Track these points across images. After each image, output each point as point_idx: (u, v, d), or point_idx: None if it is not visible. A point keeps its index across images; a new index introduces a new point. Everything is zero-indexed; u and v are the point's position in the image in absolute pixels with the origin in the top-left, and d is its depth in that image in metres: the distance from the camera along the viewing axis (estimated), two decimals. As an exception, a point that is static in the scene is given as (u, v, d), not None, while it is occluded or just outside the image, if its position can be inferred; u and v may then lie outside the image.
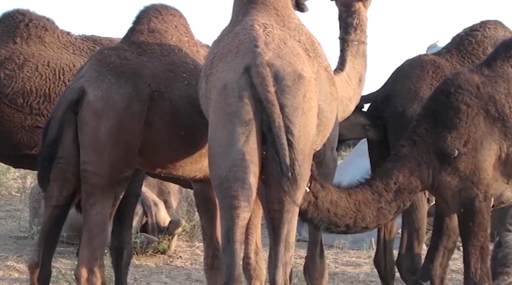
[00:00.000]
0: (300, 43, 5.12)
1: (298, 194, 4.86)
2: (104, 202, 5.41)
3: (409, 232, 6.45)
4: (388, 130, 6.50)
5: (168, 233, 9.25)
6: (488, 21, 6.94)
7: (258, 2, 5.33)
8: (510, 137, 5.41)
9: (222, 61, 5.00)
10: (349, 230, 5.43)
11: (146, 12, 6.05)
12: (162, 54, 5.76)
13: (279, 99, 4.73)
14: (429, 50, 9.76)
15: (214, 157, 4.89)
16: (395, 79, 6.66)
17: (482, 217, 5.38)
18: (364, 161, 6.75)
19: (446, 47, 6.94)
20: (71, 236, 8.87)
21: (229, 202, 4.78)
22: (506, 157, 5.43)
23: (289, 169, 4.62)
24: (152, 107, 5.50)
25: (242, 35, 5.01)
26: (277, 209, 4.84)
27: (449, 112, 5.46)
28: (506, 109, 5.44)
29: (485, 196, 5.39)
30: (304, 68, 4.90)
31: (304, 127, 4.79)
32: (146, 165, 5.84)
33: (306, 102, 4.81)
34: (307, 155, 4.84)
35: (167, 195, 10.27)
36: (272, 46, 4.90)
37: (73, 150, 5.40)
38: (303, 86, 4.81)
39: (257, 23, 5.07)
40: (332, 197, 5.29)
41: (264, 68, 4.74)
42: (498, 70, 5.58)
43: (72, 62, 6.76)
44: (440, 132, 5.44)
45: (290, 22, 5.32)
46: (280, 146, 4.62)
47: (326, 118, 5.21)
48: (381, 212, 5.39)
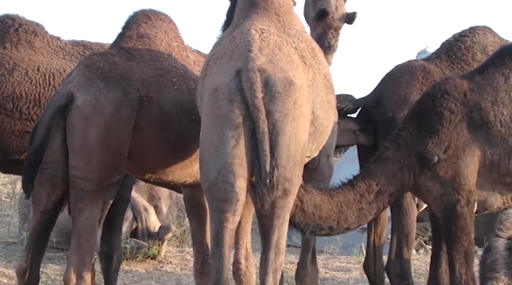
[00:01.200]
0: (297, 50, 5.13)
1: (289, 200, 4.86)
2: (93, 207, 5.39)
3: (399, 237, 6.46)
4: (378, 135, 6.51)
5: (158, 238, 9.23)
6: (477, 27, 6.97)
7: (260, 7, 5.35)
8: (494, 144, 5.44)
9: (216, 63, 5.02)
10: (332, 232, 5.47)
11: (135, 17, 6.05)
12: (152, 59, 5.76)
13: (269, 105, 4.74)
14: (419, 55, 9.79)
15: (204, 160, 4.90)
16: (385, 84, 6.68)
17: (464, 221, 5.40)
18: (354, 165, 6.75)
19: (435, 52, 6.96)
20: (61, 241, 8.85)
21: (218, 205, 4.78)
22: (491, 164, 5.46)
23: (268, 175, 4.63)
24: (141, 112, 5.49)
25: (238, 39, 5.03)
26: (267, 215, 4.84)
27: (433, 117, 5.49)
28: (491, 117, 5.46)
29: (467, 201, 5.41)
30: (297, 75, 4.90)
31: (294, 134, 4.79)
32: (136, 170, 5.83)
33: (296, 109, 4.81)
34: (298, 161, 4.84)
35: (157, 200, 10.25)
36: (266, 52, 4.91)
37: (62, 155, 5.38)
38: (294, 93, 4.81)
39: (255, 27, 5.09)
40: (315, 200, 5.32)
41: (254, 73, 4.75)
42: (489, 77, 5.60)
43: (62, 67, 6.75)
44: (422, 136, 5.47)
45: (291, 29, 5.34)
46: (262, 152, 4.63)
47: (321, 125, 5.21)
48: (362, 213, 5.43)
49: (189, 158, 5.75)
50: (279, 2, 5.43)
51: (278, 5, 5.40)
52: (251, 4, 5.38)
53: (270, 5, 5.37)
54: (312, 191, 5.35)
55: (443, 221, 5.50)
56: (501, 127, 5.44)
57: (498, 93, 5.52)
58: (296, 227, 5.36)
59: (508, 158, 5.44)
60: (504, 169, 5.46)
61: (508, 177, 5.49)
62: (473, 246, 5.47)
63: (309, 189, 5.33)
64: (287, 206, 4.86)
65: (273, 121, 4.72)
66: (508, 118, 5.45)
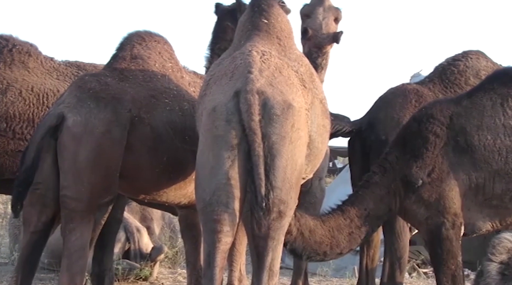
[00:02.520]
0: (297, 73, 5.15)
1: (284, 222, 4.85)
2: (84, 227, 5.38)
3: (391, 260, 6.44)
4: (370, 157, 6.51)
5: (150, 259, 9.20)
6: (470, 51, 7.00)
7: (262, 29, 5.39)
8: (479, 168, 5.45)
9: (216, 83, 5.04)
10: (326, 257, 5.48)
11: (129, 39, 6.07)
12: (144, 80, 5.77)
13: (267, 128, 4.74)
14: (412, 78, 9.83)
15: (199, 179, 4.90)
16: (379, 107, 6.69)
17: (450, 244, 5.41)
18: (347, 188, 6.75)
19: (429, 76, 6.99)
20: (52, 262, 8.80)
21: (212, 226, 4.78)
22: (476, 187, 5.47)
23: (264, 198, 4.64)
24: (133, 132, 5.49)
25: (239, 60, 5.05)
26: (262, 236, 4.83)
27: (418, 141, 5.52)
28: (475, 141, 5.49)
29: (453, 224, 5.43)
30: (296, 98, 4.92)
31: (291, 156, 4.80)
32: (130, 191, 5.82)
33: (294, 132, 4.82)
34: (294, 183, 4.85)
35: (150, 221, 10.22)
36: (266, 74, 4.92)
37: (52, 175, 5.38)
38: (292, 116, 4.83)
39: (256, 49, 5.11)
40: (310, 225, 5.33)
41: (252, 95, 4.76)
42: (476, 101, 5.63)
43: (56, 87, 6.75)
44: (407, 160, 5.50)
45: (292, 53, 5.38)
46: (257, 175, 4.64)
47: (316, 148, 5.23)
48: (352, 237, 5.45)
49: (184, 179, 5.74)
50: (281, 27, 5.47)
51: (279, 29, 5.45)
52: (253, 27, 5.42)
53: (272, 29, 5.42)
54: (305, 216, 5.36)
55: (429, 244, 5.52)
56: (485, 151, 5.46)
57: (484, 118, 5.55)
58: (294, 251, 5.37)
59: (493, 181, 5.46)
60: (490, 192, 5.48)
61: (494, 200, 5.50)
62: (460, 269, 5.48)
63: (302, 214, 5.34)
64: (282, 228, 4.85)
65: (270, 143, 4.73)
66: (492, 142, 5.47)
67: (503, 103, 5.58)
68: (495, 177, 5.45)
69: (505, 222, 5.60)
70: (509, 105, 5.57)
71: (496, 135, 5.48)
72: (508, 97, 5.59)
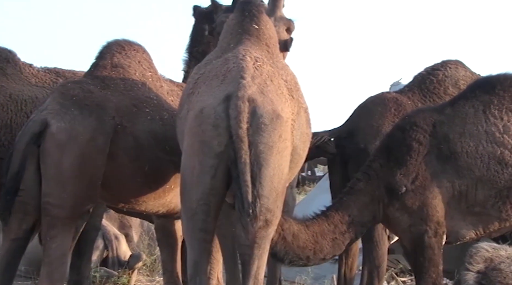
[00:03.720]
0: (286, 82, 5.16)
1: (270, 231, 4.86)
2: (65, 235, 5.37)
3: (370, 269, 6.46)
4: (349, 166, 6.53)
5: (128, 267, 9.16)
6: (449, 61, 7.05)
7: (253, 35, 5.39)
8: (461, 175, 5.48)
9: (206, 84, 5.02)
10: (309, 262, 5.49)
11: (109, 47, 6.07)
12: (126, 88, 5.76)
13: (255, 136, 4.73)
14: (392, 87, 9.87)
15: (186, 186, 4.89)
16: (358, 116, 6.71)
17: (432, 252, 5.43)
18: (327, 196, 6.76)
19: (408, 85, 7.03)
20: (29, 270, 8.74)
21: (200, 235, 4.81)
22: (459, 194, 5.50)
23: (250, 205, 4.64)
24: (116, 140, 5.48)
25: (232, 63, 5.03)
26: (247, 244, 4.83)
27: (402, 149, 5.54)
28: (458, 148, 5.51)
29: (435, 232, 5.45)
30: (284, 109, 4.93)
31: (278, 166, 4.80)
32: (109, 199, 5.81)
33: (281, 142, 4.83)
34: (280, 192, 4.86)
35: (128, 228, 10.19)
36: (258, 81, 4.91)
37: (34, 182, 5.36)
38: (280, 127, 4.82)
39: (250, 54, 5.10)
40: (293, 230, 5.34)
41: (243, 102, 4.74)
42: (459, 109, 5.66)
43: (34, 94, 6.70)
44: (391, 168, 5.52)
45: (279, 61, 5.39)
46: (244, 182, 4.63)
47: (298, 155, 5.24)
48: (336, 243, 5.47)
49: (163, 188, 5.73)
50: (269, 34, 5.48)
51: (268, 37, 5.46)
52: (243, 31, 5.40)
53: (261, 35, 5.43)
54: (290, 220, 5.38)
55: (411, 252, 5.54)
56: (468, 158, 5.48)
57: (466, 125, 5.58)
58: (276, 255, 5.37)
59: (476, 188, 5.49)
60: (472, 199, 5.50)
61: (477, 207, 5.52)
62: (441, 278, 5.49)
63: (287, 218, 5.35)
64: (268, 236, 4.87)
65: (257, 152, 4.72)
66: (474, 149, 5.50)
67: (485, 110, 5.61)
68: (478, 183, 5.48)
69: (488, 229, 5.63)
70: (491, 112, 5.60)
71: (478, 142, 5.51)
72: (490, 104, 5.62)
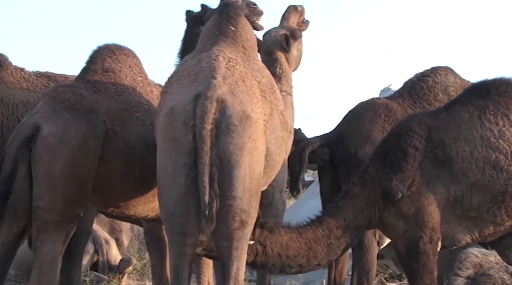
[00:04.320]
0: (259, 84, 5.17)
1: (246, 231, 4.87)
2: (56, 238, 5.36)
3: (359, 274, 6.48)
4: (340, 171, 6.55)
5: (118, 271, 9.14)
6: (439, 67, 7.08)
7: (229, 36, 5.42)
8: (457, 180, 5.48)
9: (178, 83, 5.04)
10: (302, 269, 5.49)
11: (100, 52, 6.07)
12: (117, 93, 5.77)
13: (224, 137, 4.74)
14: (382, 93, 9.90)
15: (161, 186, 4.90)
16: (348, 121, 6.73)
17: (427, 258, 5.44)
18: (317, 201, 6.78)
19: (398, 91, 7.06)
20: (19, 274, 8.72)
21: (178, 239, 4.80)
22: (454, 200, 5.50)
23: (207, 207, 4.64)
24: (107, 144, 5.49)
25: (205, 63, 5.05)
26: (225, 246, 4.85)
27: (398, 154, 5.55)
28: (453, 154, 5.51)
29: (430, 238, 5.45)
30: (254, 109, 4.93)
31: (249, 166, 4.81)
32: (99, 203, 5.81)
33: (251, 142, 4.83)
34: (254, 193, 4.87)
35: (119, 232, 10.17)
36: (229, 81, 4.92)
37: (25, 186, 5.35)
38: (249, 127, 4.83)
39: (223, 55, 5.12)
40: (282, 240, 5.34)
41: (211, 103, 4.75)
42: (454, 114, 5.66)
43: (25, 98, 6.71)
44: (387, 173, 5.53)
45: (255, 63, 5.41)
46: (201, 183, 4.64)
47: (273, 160, 5.24)
48: (331, 248, 5.47)
49: (152, 192, 5.72)
50: (247, 36, 5.51)
51: (245, 39, 5.48)
52: (220, 33, 5.44)
53: (238, 37, 5.45)
54: (279, 230, 5.38)
55: (405, 257, 5.54)
56: (463, 163, 5.49)
57: (461, 130, 5.58)
58: (262, 268, 5.39)
59: (471, 193, 5.49)
60: (468, 204, 5.50)
61: (472, 212, 5.52)
62: (435, 284, 5.49)
63: (275, 229, 5.36)
64: (245, 237, 4.88)
65: (228, 153, 4.74)
66: (469, 154, 5.50)
67: (480, 115, 5.61)
68: (473, 188, 5.48)
69: (483, 233, 5.63)
70: (487, 117, 5.61)
71: (473, 147, 5.51)
72: (485, 109, 5.63)
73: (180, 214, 4.75)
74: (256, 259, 5.30)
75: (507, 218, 5.52)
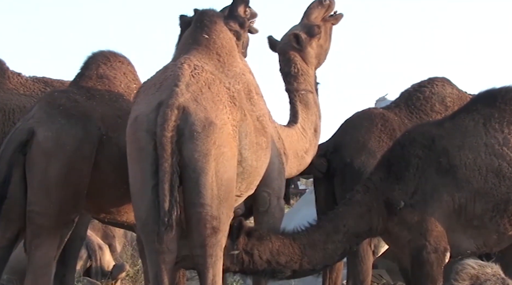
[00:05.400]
0: (229, 90, 5.15)
1: (219, 237, 4.88)
2: (50, 243, 5.37)
3: (354, 283, 6.47)
4: (335, 180, 6.54)
5: (111, 277, 9.12)
6: (436, 78, 7.09)
7: (202, 44, 5.42)
8: (461, 188, 5.47)
9: (144, 93, 5.08)
10: (295, 274, 5.50)
11: (94, 58, 6.08)
12: (111, 99, 5.78)
13: (188, 144, 4.76)
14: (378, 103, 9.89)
15: (133, 196, 4.92)
16: (345, 131, 6.74)
17: (431, 268, 5.42)
18: (311, 210, 6.78)
19: (395, 101, 7.06)
20: (11, 278, 8.70)
21: (154, 247, 4.80)
22: (459, 208, 5.48)
23: (166, 215, 4.66)
24: (101, 150, 5.49)
25: (169, 71, 5.07)
26: (199, 254, 4.86)
27: (401, 164, 5.55)
28: (457, 161, 5.50)
29: (435, 248, 5.44)
30: (219, 116, 4.92)
31: (216, 172, 4.82)
32: (92, 209, 5.80)
33: (216, 148, 4.84)
34: (223, 199, 4.87)
35: (112, 238, 10.16)
36: (192, 88, 4.93)
37: (19, 191, 5.35)
38: (213, 134, 4.84)
39: (189, 63, 5.12)
40: (273, 247, 5.34)
41: (171, 110, 4.77)
42: (459, 123, 5.66)
43: (22, 103, 6.69)
44: (390, 182, 5.53)
45: (230, 70, 5.40)
46: (161, 190, 4.66)
47: (250, 166, 5.24)
48: (327, 252, 5.46)
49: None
50: (222, 43, 5.50)
51: (220, 46, 5.48)
52: (193, 41, 5.46)
53: (212, 44, 5.45)
54: (270, 237, 5.37)
55: (410, 267, 5.53)
56: (466, 170, 5.48)
57: (466, 138, 5.57)
58: (253, 275, 5.38)
59: (474, 201, 5.48)
60: (471, 213, 5.48)
61: (475, 220, 5.51)
62: None
63: (265, 236, 5.35)
64: (218, 243, 4.88)
65: (193, 160, 4.75)
66: (472, 161, 5.49)
67: (485, 123, 5.61)
68: (476, 196, 5.47)
69: (489, 242, 5.61)
70: (492, 125, 5.60)
71: (477, 154, 5.50)
72: (491, 117, 5.63)
73: (154, 222, 4.74)
74: (244, 268, 5.31)
75: (510, 227, 5.52)
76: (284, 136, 6.18)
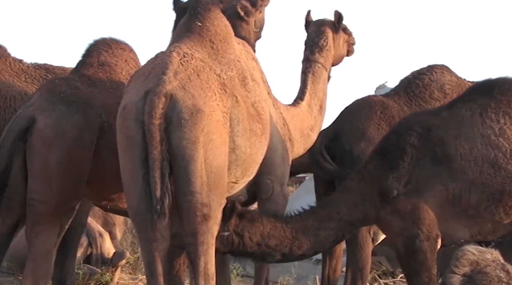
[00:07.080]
0: (219, 77, 5.14)
1: (210, 224, 4.87)
2: (50, 231, 5.37)
3: (353, 271, 6.49)
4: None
5: (111, 264, 9.13)
6: (435, 65, 7.10)
7: (195, 32, 5.41)
8: (455, 179, 5.47)
9: (133, 81, 5.08)
10: (285, 258, 5.50)
11: (96, 45, 6.07)
12: (112, 87, 5.78)
13: (176, 132, 4.76)
14: (377, 90, 9.90)
15: (125, 185, 4.91)
16: (344, 118, 6.74)
17: (424, 256, 5.43)
18: (311, 197, 6.78)
19: (394, 89, 7.07)
20: (11, 266, 8.72)
21: (146, 235, 4.81)
22: (453, 198, 5.48)
23: (158, 202, 4.66)
24: (102, 138, 5.49)
25: (159, 60, 5.07)
26: (191, 242, 4.86)
27: (395, 152, 5.55)
28: (453, 151, 5.49)
29: (428, 236, 5.44)
30: (207, 103, 4.91)
31: (205, 160, 4.81)
32: (93, 196, 5.81)
33: (205, 135, 4.83)
34: (213, 186, 4.86)
35: (112, 226, 10.17)
36: (181, 76, 4.93)
37: (19, 178, 5.35)
38: (201, 121, 4.83)
39: (178, 50, 5.11)
40: (264, 229, 5.35)
41: (159, 98, 4.76)
42: (455, 112, 5.65)
43: (24, 90, 6.68)
44: (384, 171, 5.53)
45: (224, 57, 5.39)
46: (152, 178, 4.66)
47: (244, 153, 5.23)
48: (318, 239, 5.46)
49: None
50: (216, 30, 5.49)
51: (214, 33, 5.46)
52: (186, 29, 5.45)
53: (205, 31, 5.44)
54: (262, 220, 5.38)
55: (404, 255, 5.53)
56: (462, 160, 5.47)
57: (462, 128, 5.57)
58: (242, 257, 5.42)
59: (469, 191, 5.47)
60: (466, 202, 5.48)
61: (470, 210, 5.51)
62: (434, 282, 5.47)
63: (257, 218, 5.36)
64: (209, 231, 4.88)
65: (181, 148, 4.75)
66: (469, 152, 5.49)
67: (482, 113, 5.60)
68: (471, 186, 5.47)
69: (483, 231, 5.63)
70: (488, 115, 5.59)
71: (473, 145, 5.50)
72: (487, 107, 5.62)
73: (146, 211, 4.74)
74: (233, 249, 5.32)
75: (505, 217, 5.53)
76: (289, 119, 6.19)
